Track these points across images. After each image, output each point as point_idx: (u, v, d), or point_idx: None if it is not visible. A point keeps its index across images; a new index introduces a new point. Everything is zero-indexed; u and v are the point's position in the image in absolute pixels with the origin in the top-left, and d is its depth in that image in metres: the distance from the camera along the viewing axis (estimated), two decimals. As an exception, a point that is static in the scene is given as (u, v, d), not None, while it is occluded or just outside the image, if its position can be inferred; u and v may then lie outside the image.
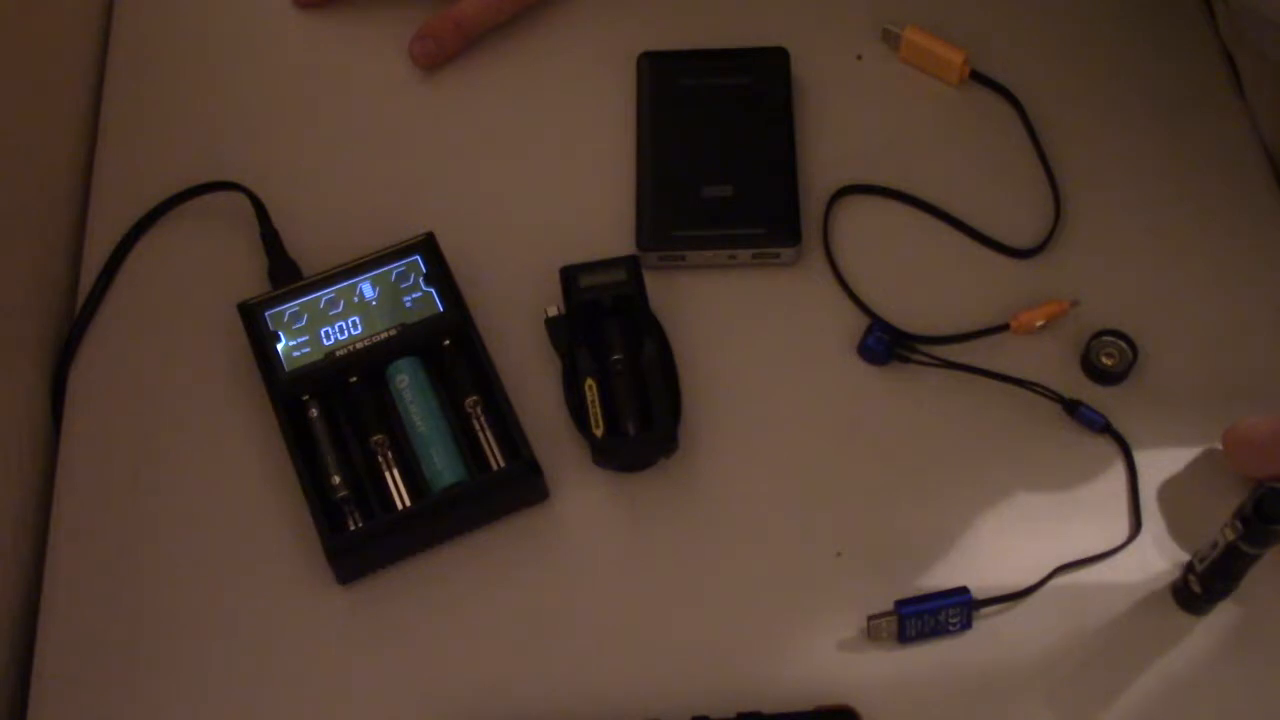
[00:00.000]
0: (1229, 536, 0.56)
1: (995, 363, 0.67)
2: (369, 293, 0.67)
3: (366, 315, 0.66)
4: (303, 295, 0.67)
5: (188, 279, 0.71)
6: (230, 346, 0.68)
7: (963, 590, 0.61)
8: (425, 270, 0.67)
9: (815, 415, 0.67)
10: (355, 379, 0.66)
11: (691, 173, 0.72)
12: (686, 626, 0.62)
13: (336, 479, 0.64)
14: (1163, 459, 0.65)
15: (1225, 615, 0.61)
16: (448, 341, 0.67)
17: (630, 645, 0.62)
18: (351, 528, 0.63)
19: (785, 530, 0.64)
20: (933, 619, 0.61)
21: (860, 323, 0.68)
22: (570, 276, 0.68)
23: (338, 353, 0.66)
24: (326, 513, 0.63)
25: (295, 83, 0.78)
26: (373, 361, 0.66)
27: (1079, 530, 0.63)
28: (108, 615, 0.63)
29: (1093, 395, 0.66)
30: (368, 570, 0.64)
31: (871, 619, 0.61)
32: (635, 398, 0.65)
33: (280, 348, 0.66)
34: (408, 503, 0.64)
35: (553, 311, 0.68)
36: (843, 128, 0.74)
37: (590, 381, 0.65)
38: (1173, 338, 0.68)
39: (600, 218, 0.72)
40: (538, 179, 0.74)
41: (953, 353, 0.68)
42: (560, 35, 0.78)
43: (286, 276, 0.69)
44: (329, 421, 0.65)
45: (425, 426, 0.64)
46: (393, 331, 0.66)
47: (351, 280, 0.67)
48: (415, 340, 0.66)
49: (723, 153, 0.72)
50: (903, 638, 0.61)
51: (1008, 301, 0.69)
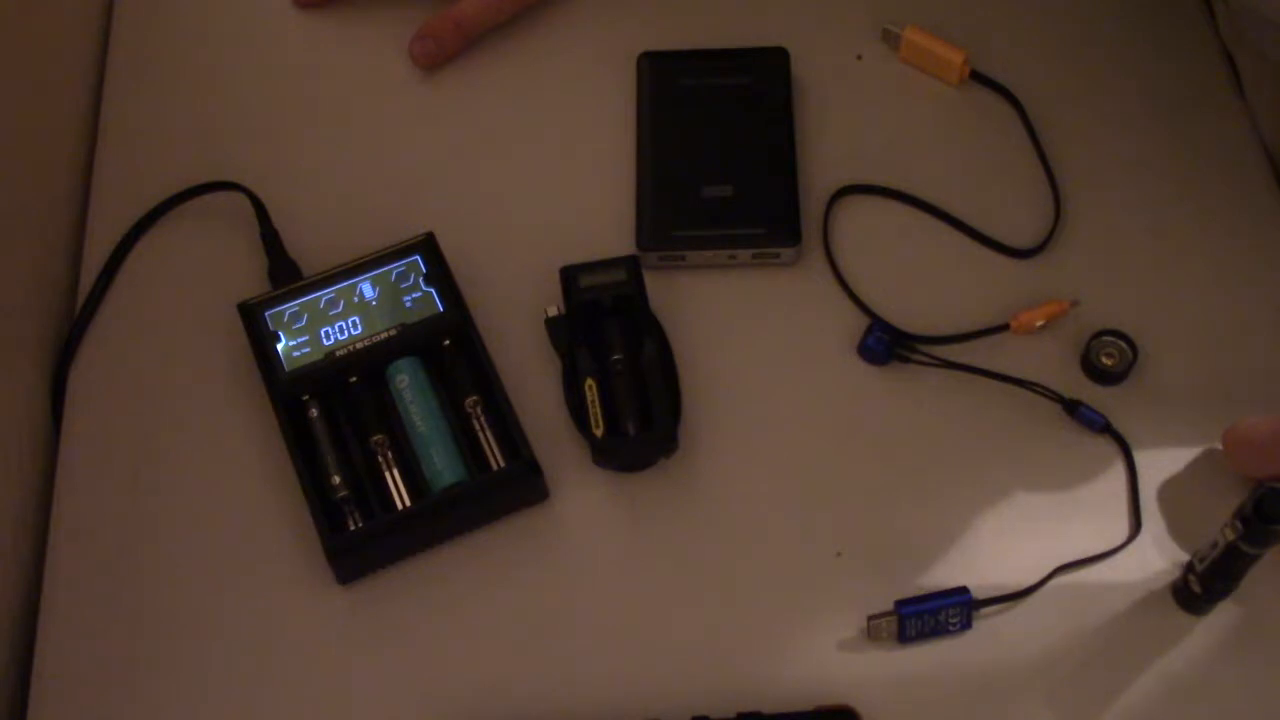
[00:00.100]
0: (1229, 536, 0.56)
1: (995, 363, 0.67)
2: (369, 293, 0.67)
3: (366, 315, 0.66)
4: (303, 295, 0.67)
5: (188, 279, 0.71)
6: (230, 346, 0.68)
7: (963, 590, 0.61)
8: (425, 270, 0.67)
9: (815, 415, 0.67)
10: (355, 379, 0.66)
11: (691, 173, 0.72)
12: (686, 626, 0.62)
13: (336, 479, 0.64)
14: (1163, 459, 0.65)
15: (1225, 615, 0.61)
16: (448, 341, 0.67)
17: (630, 645, 0.62)
18: (351, 528, 0.63)
19: (785, 530, 0.64)
20: (933, 619, 0.61)
21: (860, 323, 0.68)
22: (570, 276, 0.68)
23: (338, 353, 0.66)
24: (326, 513, 0.63)
25: (295, 83, 0.78)
26: (373, 361, 0.66)
27: (1079, 530, 0.63)
28: (108, 615, 0.63)
29: (1093, 395, 0.66)
30: (368, 570, 0.64)
31: (871, 619, 0.61)
32: (635, 398, 0.65)
33: (280, 348, 0.66)
34: (408, 503, 0.64)
35: (553, 311, 0.68)
36: (843, 128, 0.74)
37: (590, 381, 0.65)
38: (1173, 338, 0.68)
39: (600, 218, 0.72)
40: (538, 179, 0.74)
41: (953, 353, 0.68)
42: (560, 35, 0.78)
43: (286, 276, 0.69)
44: (329, 421, 0.65)
45: (425, 426, 0.64)
46: (393, 331, 0.66)
47: (351, 280, 0.67)
48: (415, 340, 0.66)
49: (723, 153, 0.72)
50: (903, 638, 0.61)
51: (1008, 301, 0.69)
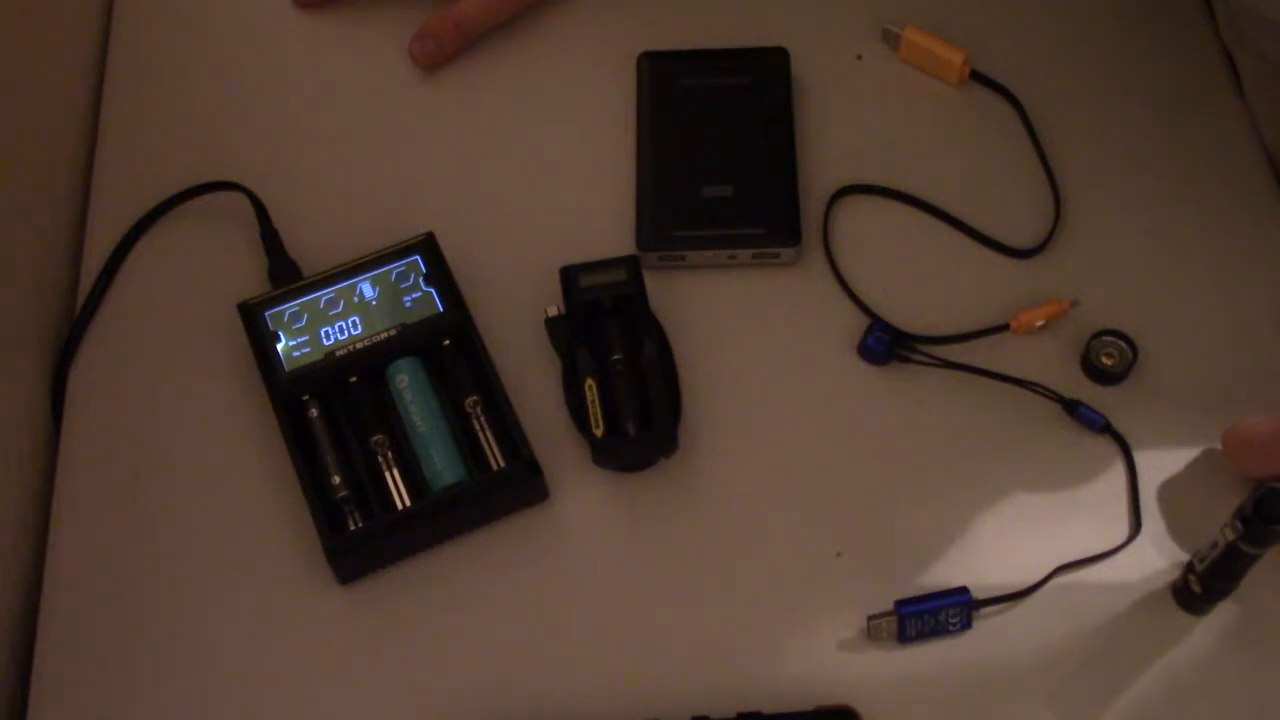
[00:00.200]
0: (1229, 536, 0.56)
1: (995, 363, 0.67)
2: (369, 293, 0.67)
3: (366, 315, 0.66)
4: (303, 295, 0.67)
5: (188, 279, 0.71)
6: (230, 346, 0.68)
7: (963, 590, 0.61)
8: (425, 270, 0.67)
9: (815, 415, 0.67)
10: (355, 379, 0.66)
11: (691, 173, 0.72)
12: (686, 626, 0.62)
13: (336, 479, 0.64)
14: (1163, 459, 0.65)
15: (1225, 615, 0.61)
16: (448, 341, 0.67)
17: (630, 645, 0.62)
18: (351, 528, 0.63)
19: (785, 530, 0.64)
20: (933, 619, 0.61)
21: (860, 323, 0.68)
22: (570, 276, 0.68)
23: (338, 353, 0.66)
24: (326, 513, 0.63)
25: (295, 83, 0.78)
26: (373, 361, 0.66)
27: (1079, 530, 0.63)
28: (108, 615, 0.63)
29: (1093, 395, 0.66)
30: (368, 570, 0.64)
31: (871, 619, 0.61)
32: (635, 398, 0.65)
33: (280, 348, 0.66)
34: (408, 503, 0.64)
35: (553, 311, 0.68)
36: (843, 128, 0.74)
37: (590, 381, 0.65)
38: (1173, 338, 0.68)
39: (600, 218, 0.72)
40: (538, 179, 0.74)
41: (953, 353, 0.68)
42: (560, 35, 0.78)
43: (286, 276, 0.69)
44: (329, 421, 0.65)
45: (425, 426, 0.64)
46: (393, 331, 0.66)
47: (351, 280, 0.67)
48: (415, 340, 0.66)
49: (723, 153, 0.72)
50: (903, 638, 0.61)
51: (1008, 301, 0.69)
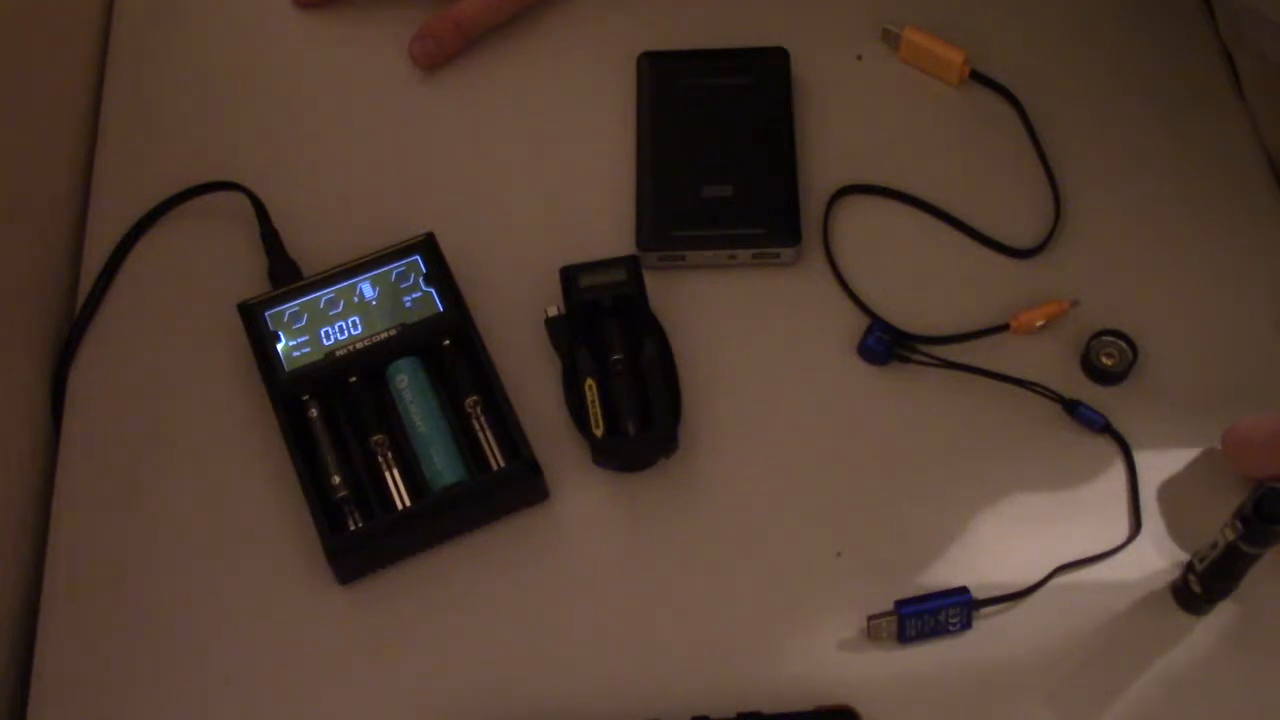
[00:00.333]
0: (1229, 536, 0.56)
1: (995, 363, 0.67)
2: (369, 293, 0.67)
3: (366, 315, 0.66)
4: (303, 295, 0.67)
5: (188, 279, 0.71)
6: (230, 346, 0.68)
7: (963, 590, 0.61)
8: (425, 270, 0.67)
9: (815, 415, 0.67)
10: (355, 379, 0.66)
11: (691, 173, 0.72)
12: (686, 626, 0.62)
13: (336, 479, 0.64)
14: (1163, 459, 0.65)
15: (1225, 615, 0.61)
16: (448, 341, 0.67)
17: (630, 645, 0.62)
18: (351, 528, 0.63)
19: (785, 530, 0.64)
20: (933, 619, 0.61)
21: (860, 323, 0.68)
22: (570, 276, 0.68)
23: (338, 353, 0.66)
24: (326, 513, 0.63)
25: (295, 83, 0.78)
26: (373, 361, 0.66)
27: (1079, 530, 0.63)
28: (108, 615, 0.63)
29: (1093, 395, 0.66)
30: (368, 570, 0.64)
31: (871, 619, 0.61)
32: (635, 398, 0.65)
33: (280, 348, 0.66)
34: (408, 503, 0.64)
35: (553, 311, 0.68)
36: (843, 128, 0.74)
37: (590, 381, 0.65)
38: (1173, 338, 0.68)
39: (600, 218, 0.72)
40: (538, 179, 0.74)
41: (953, 353, 0.68)
42: (560, 35, 0.78)
43: (286, 276, 0.69)
44: (329, 421, 0.65)
45: (425, 426, 0.64)
46: (393, 331, 0.66)
47: (351, 280, 0.67)
48: (415, 340, 0.66)
49: (723, 153, 0.72)
50: (903, 638, 0.61)
51: (1008, 301, 0.69)
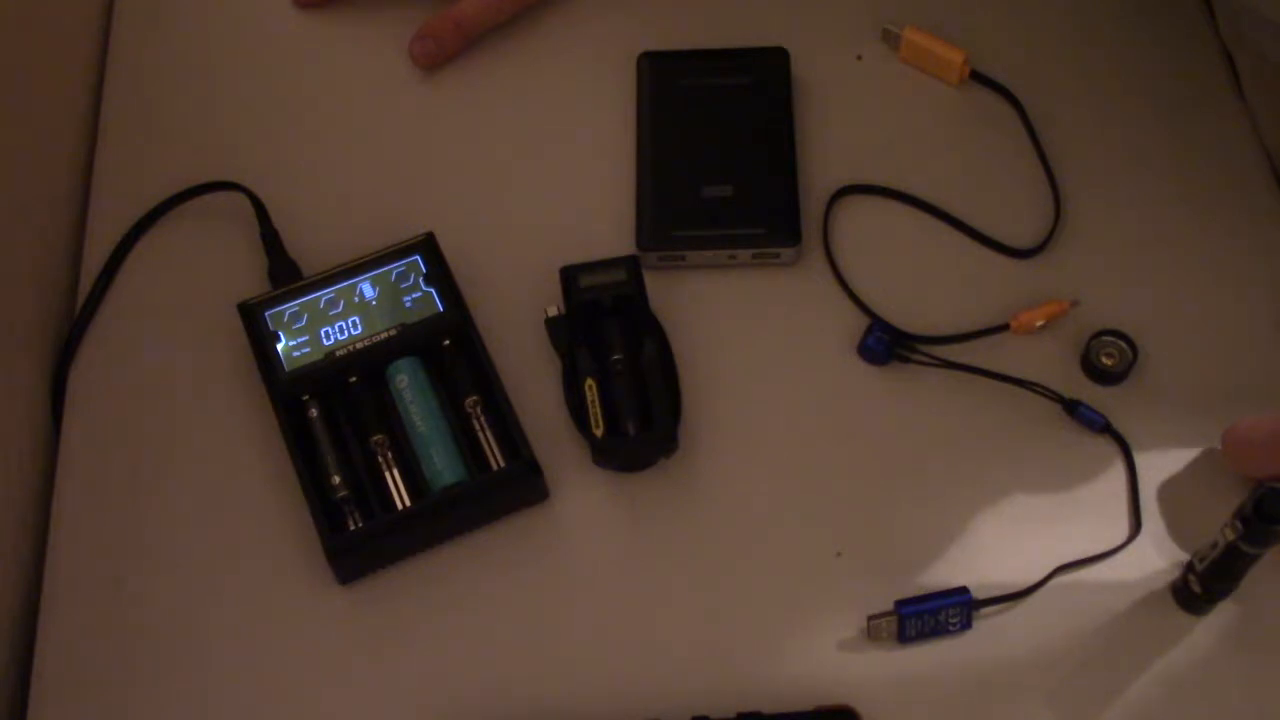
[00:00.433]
0: (1229, 536, 0.56)
1: (995, 363, 0.67)
2: (369, 293, 0.67)
3: (366, 315, 0.66)
4: (303, 295, 0.67)
5: (188, 279, 0.71)
6: (230, 346, 0.68)
7: (963, 590, 0.61)
8: (425, 270, 0.67)
9: (815, 415, 0.67)
10: (355, 379, 0.66)
11: (691, 173, 0.72)
12: (686, 626, 0.62)
13: (336, 479, 0.64)
14: (1163, 459, 0.65)
15: (1225, 615, 0.61)
16: (448, 341, 0.67)
17: (630, 645, 0.62)
18: (351, 528, 0.63)
19: (785, 530, 0.64)
20: (933, 619, 0.61)
21: (860, 323, 0.68)
22: (570, 276, 0.68)
23: (338, 353, 0.66)
24: (326, 513, 0.63)
25: (295, 83, 0.78)
26: (373, 361, 0.66)
27: (1079, 530, 0.63)
28: (108, 615, 0.63)
29: (1093, 395, 0.66)
30: (368, 570, 0.64)
31: (871, 619, 0.61)
32: (635, 398, 0.65)
33: (280, 348, 0.66)
34: (408, 503, 0.64)
35: (553, 311, 0.68)
36: (843, 128, 0.74)
37: (590, 381, 0.65)
38: (1173, 338, 0.68)
39: (600, 218, 0.72)
40: (538, 179, 0.74)
41: (953, 353, 0.68)
42: (560, 35, 0.78)
43: (286, 276, 0.69)
44: (329, 421, 0.65)
45: (425, 426, 0.64)
46: (393, 331, 0.66)
47: (351, 280, 0.67)
48: (415, 340, 0.66)
49: (723, 153, 0.72)
50: (903, 638, 0.61)
51: (1008, 301, 0.69)
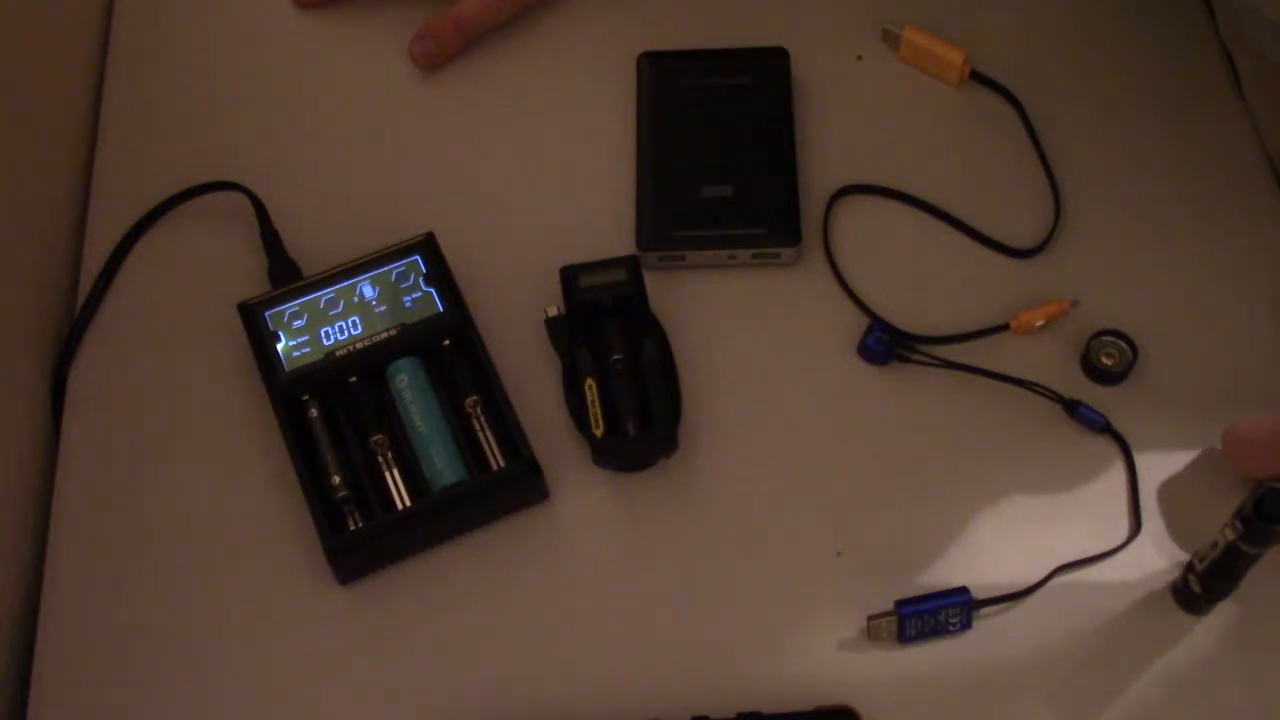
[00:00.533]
0: (1229, 536, 0.56)
1: (995, 363, 0.67)
2: (369, 293, 0.67)
3: (366, 315, 0.66)
4: (303, 295, 0.67)
5: (188, 279, 0.71)
6: (230, 346, 0.68)
7: (963, 590, 0.61)
8: (425, 270, 0.67)
9: (815, 415, 0.67)
10: (355, 379, 0.66)
11: (691, 173, 0.72)
12: (686, 626, 0.62)
13: (336, 479, 0.64)
14: (1163, 459, 0.65)
15: (1225, 615, 0.61)
16: (448, 341, 0.67)
17: (630, 645, 0.62)
18: (351, 528, 0.63)
19: (785, 530, 0.64)
20: (933, 619, 0.61)
21: (860, 323, 0.68)
22: (570, 276, 0.68)
23: (338, 353, 0.66)
24: (326, 513, 0.63)
25: (295, 83, 0.78)
26: (373, 361, 0.66)
27: (1079, 530, 0.63)
28: (108, 615, 0.63)
29: (1093, 395, 0.66)
30: (368, 570, 0.64)
31: (871, 619, 0.61)
32: (635, 398, 0.65)
33: (280, 348, 0.66)
34: (408, 503, 0.64)
35: (553, 311, 0.68)
36: (843, 128, 0.74)
37: (590, 381, 0.65)
38: (1173, 338, 0.68)
39: (600, 218, 0.72)
40: (538, 179, 0.74)
41: (953, 353, 0.68)
42: (560, 35, 0.78)
43: (286, 276, 0.69)
44: (329, 421, 0.65)
45: (425, 426, 0.64)
46: (393, 331, 0.66)
47: (351, 280, 0.67)
48: (415, 340, 0.66)
49: (723, 153, 0.72)
50: (903, 638, 0.61)
51: (1008, 301, 0.69)
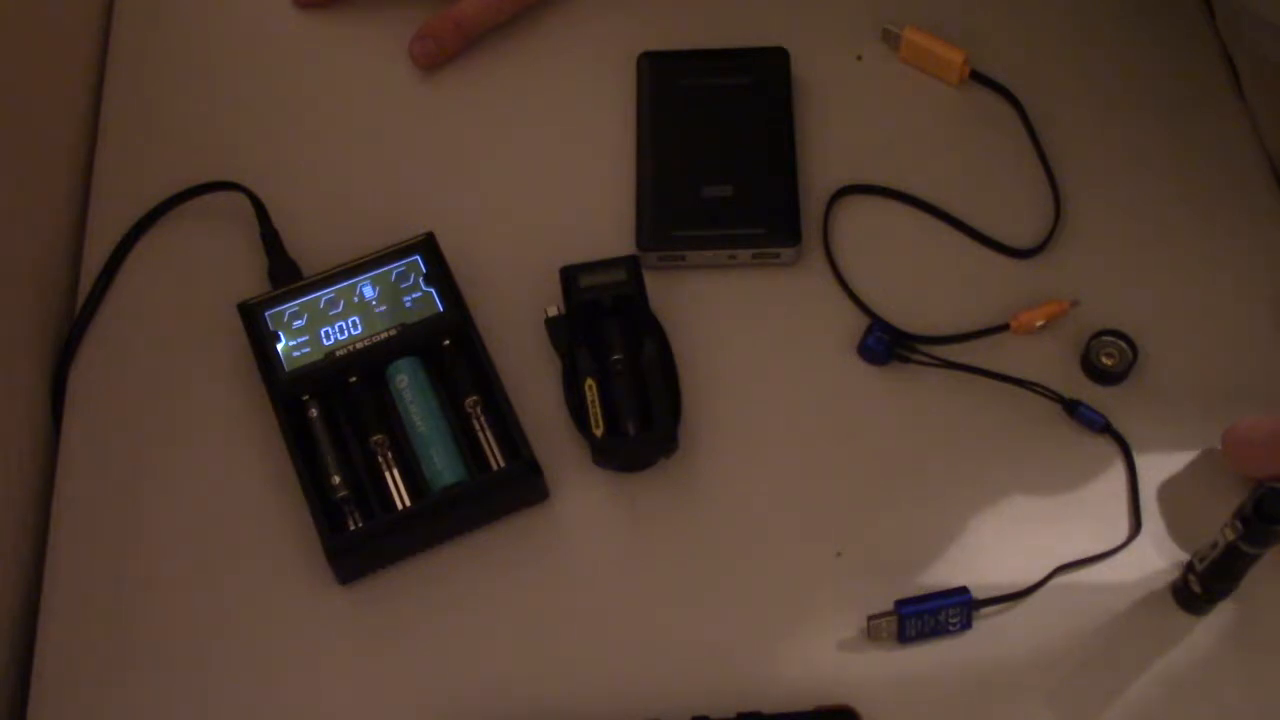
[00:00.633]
0: (1229, 536, 0.56)
1: (995, 363, 0.67)
2: (369, 293, 0.67)
3: (366, 315, 0.66)
4: (303, 295, 0.67)
5: (188, 279, 0.71)
6: (230, 346, 0.68)
7: (963, 590, 0.61)
8: (425, 270, 0.67)
9: (815, 415, 0.67)
10: (355, 379, 0.66)
11: (691, 173, 0.72)
12: (686, 626, 0.62)
13: (336, 479, 0.64)
14: (1163, 459, 0.65)
15: (1225, 615, 0.61)
16: (448, 341, 0.67)
17: (630, 645, 0.62)
18: (351, 528, 0.63)
19: (785, 530, 0.64)
20: (933, 619, 0.61)
21: (860, 323, 0.68)
22: (570, 276, 0.68)
23: (338, 353, 0.66)
24: (326, 513, 0.63)
25: (295, 83, 0.78)
26: (373, 361, 0.66)
27: (1079, 530, 0.63)
28: (108, 615, 0.63)
29: (1093, 395, 0.66)
30: (368, 570, 0.64)
31: (871, 619, 0.61)
32: (635, 398, 0.65)
33: (280, 348, 0.66)
34: (408, 503, 0.64)
35: (553, 311, 0.68)
36: (843, 128, 0.74)
37: (590, 381, 0.65)
38: (1173, 338, 0.68)
39: (600, 218, 0.72)
40: (538, 179, 0.74)
41: (953, 353, 0.68)
42: (560, 35, 0.78)
43: (286, 276, 0.69)
44: (329, 421, 0.65)
45: (425, 426, 0.64)
46: (393, 331, 0.66)
47: (351, 280, 0.67)
48: (415, 340, 0.66)
49: (723, 153, 0.72)
50: (903, 638, 0.61)
51: (1008, 301, 0.69)
